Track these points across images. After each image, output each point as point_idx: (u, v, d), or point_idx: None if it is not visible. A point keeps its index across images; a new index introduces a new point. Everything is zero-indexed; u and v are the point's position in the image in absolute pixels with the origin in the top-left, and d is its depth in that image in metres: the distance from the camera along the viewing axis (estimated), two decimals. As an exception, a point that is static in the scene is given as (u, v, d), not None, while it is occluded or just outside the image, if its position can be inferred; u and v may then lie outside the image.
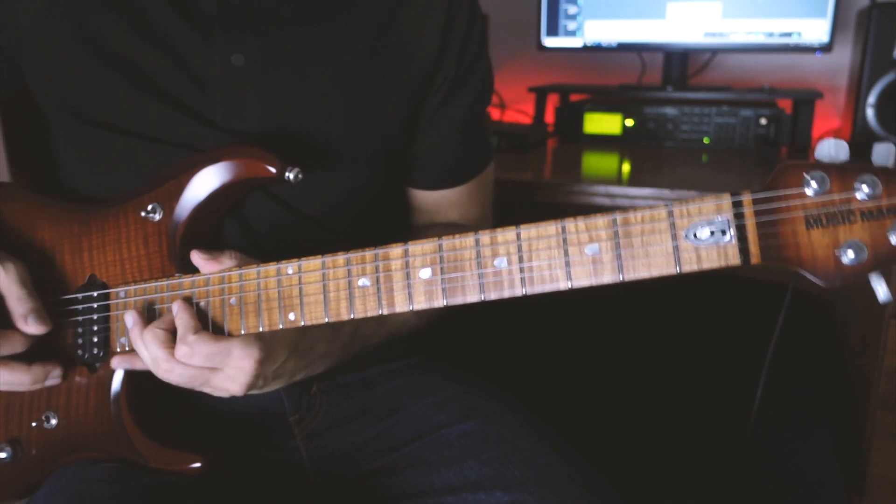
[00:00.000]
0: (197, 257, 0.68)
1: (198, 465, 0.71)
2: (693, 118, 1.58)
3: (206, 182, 0.70)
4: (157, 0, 0.73)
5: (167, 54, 0.73)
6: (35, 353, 0.73)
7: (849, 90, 1.60)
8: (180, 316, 0.66)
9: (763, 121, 1.52)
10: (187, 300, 0.68)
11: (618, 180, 1.37)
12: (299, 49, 0.76)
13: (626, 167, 1.47)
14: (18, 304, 0.70)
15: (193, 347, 0.64)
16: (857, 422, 1.31)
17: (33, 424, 0.74)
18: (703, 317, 1.41)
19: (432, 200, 0.89)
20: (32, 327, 0.70)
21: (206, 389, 0.68)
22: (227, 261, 0.68)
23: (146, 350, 0.67)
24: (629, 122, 1.62)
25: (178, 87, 0.73)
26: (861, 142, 1.39)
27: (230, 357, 0.65)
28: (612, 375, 1.28)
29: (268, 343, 0.67)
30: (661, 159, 1.50)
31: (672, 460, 1.11)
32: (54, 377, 0.72)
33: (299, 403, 0.82)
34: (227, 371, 0.66)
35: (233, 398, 0.80)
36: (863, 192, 0.50)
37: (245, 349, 0.66)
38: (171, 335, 0.66)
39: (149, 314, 0.70)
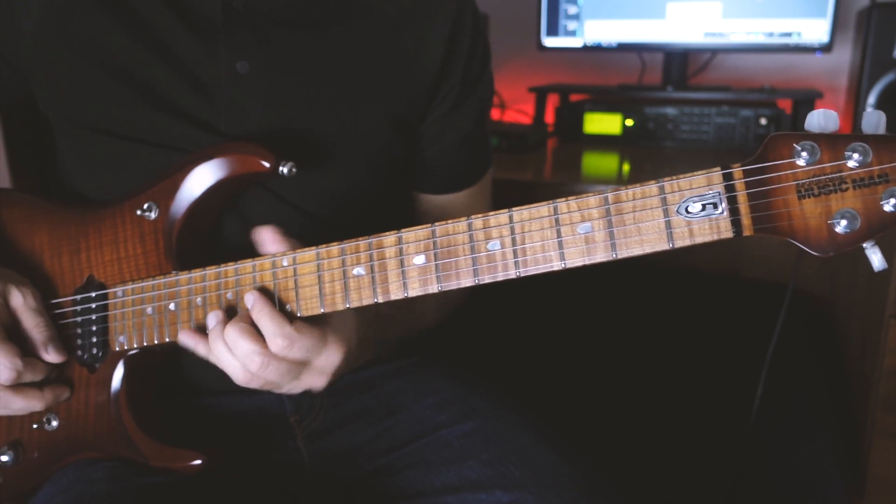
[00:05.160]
0: (266, 233, 0.64)
1: (198, 462, 0.70)
2: (693, 118, 1.58)
3: (200, 179, 0.70)
4: (161, 7, 0.73)
5: (171, 62, 0.73)
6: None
7: (849, 90, 1.60)
8: (264, 308, 0.62)
9: (763, 121, 1.52)
10: (263, 290, 0.64)
11: (618, 180, 1.38)
12: (304, 56, 0.76)
13: (626, 167, 1.47)
14: (37, 332, 0.70)
15: (294, 339, 0.61)
16: (857, 422, 1.31)
17: (34, 427, 0.74)
18: (703, 317, 1.41)
19: (439, 204, 0.90)
20: (52, 356, 0.71)
21: (288, 388, 0.65)
22: (277, 242, 0.65)
23: (233, 349, 0.61)
24: (629, 122, 1.62)
25: (182, 96, 0.73)
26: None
27: (325, 346, 0.63)
28: (612, 375, 1.27)
29: (347, 330, 0.65)
30: (661, 159, 1.50)
31: (672, 460, 1.11)
32: (63, 399, 0.73)
33: (300, 404, 0.82)
34: (316, 363, 0.63)
35: (233, 399, 0.80)
36: (854, 160, 0.50)
37: (337, 335, 0.63)
38: (256, 329, 0.62)
39: (228, 313, 0.65)
